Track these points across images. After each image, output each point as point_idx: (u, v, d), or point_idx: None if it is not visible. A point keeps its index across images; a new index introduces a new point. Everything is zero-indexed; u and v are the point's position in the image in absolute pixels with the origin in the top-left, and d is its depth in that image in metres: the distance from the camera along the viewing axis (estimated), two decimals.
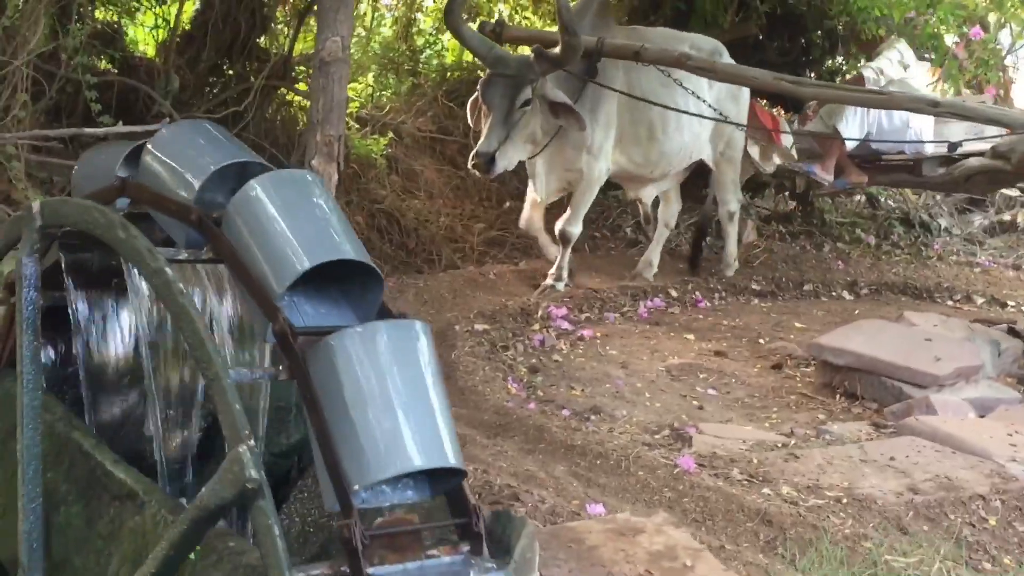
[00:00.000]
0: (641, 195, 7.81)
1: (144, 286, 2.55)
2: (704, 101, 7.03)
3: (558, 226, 7.03)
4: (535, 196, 7.06)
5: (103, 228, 2.23)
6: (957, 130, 8.32)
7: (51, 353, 2.82)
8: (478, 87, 6.35)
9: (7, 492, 2.74)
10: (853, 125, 8.05)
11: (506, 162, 6.31)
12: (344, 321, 2.27)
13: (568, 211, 7.05)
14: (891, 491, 4.02)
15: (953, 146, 8.08)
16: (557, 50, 6.11)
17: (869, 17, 8.17)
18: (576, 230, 7.05)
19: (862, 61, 9.19)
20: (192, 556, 2.21)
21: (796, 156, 8.32)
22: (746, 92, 7.58)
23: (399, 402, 2.08)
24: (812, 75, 9.44)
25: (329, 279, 2.27)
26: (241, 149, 2.47)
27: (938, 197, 10.22)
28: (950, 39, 8.55)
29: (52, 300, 2.69)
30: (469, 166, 6.29)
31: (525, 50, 6.71)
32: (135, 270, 2.47)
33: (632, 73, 6.87)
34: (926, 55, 10.09)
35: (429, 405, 2.14)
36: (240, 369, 2.19)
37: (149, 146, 2.47)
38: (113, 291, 2.82)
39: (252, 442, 1.99)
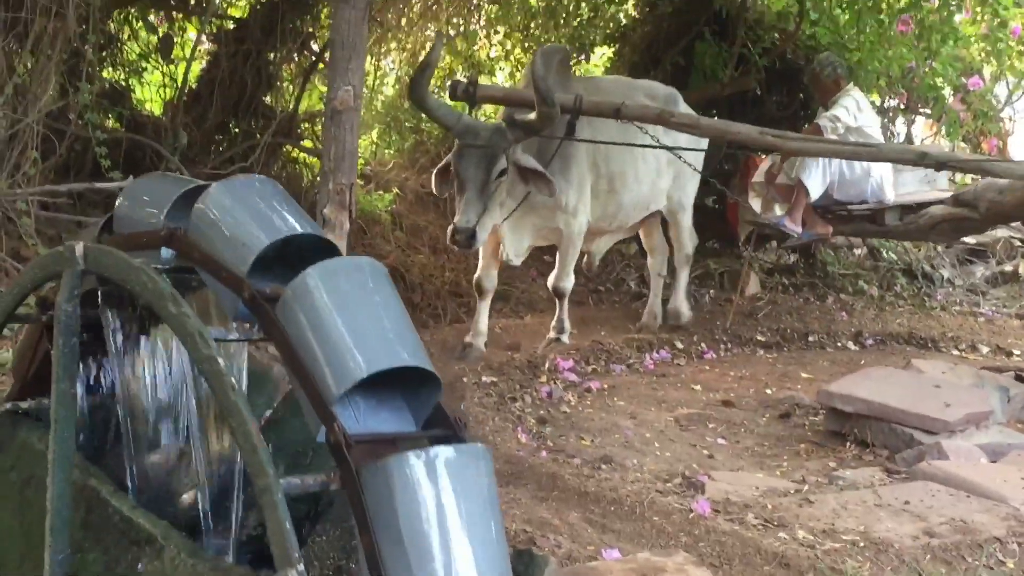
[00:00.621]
0: (591, 247, 7.57)
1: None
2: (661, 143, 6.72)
3: (551, 282, 7.02)
4: (505, 255, 6.75)
5: (151, 295, 2.14)
6: (910, 179, 8.42)
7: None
8: (450, 158, 5.98)
9: (25, 541, 2.73)
10: (816, 176, 7.93)
11: (484, 234, 6.05)
12: (400, 424, 2.22)
13: (557, 267, 6.98)
14: (907, 535, 3.99)
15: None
16: (531, 116, 5.81)
17: (869, 69, 8.23)
18: (568, 284, 7.00)
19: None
20: None
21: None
22: (704, 140, 7.35)
23: (455, 535, 2.00)
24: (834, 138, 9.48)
25: (385, 376, 2.16)
26: (296, 213, 2.38)
27: (940, 248, 10.27)
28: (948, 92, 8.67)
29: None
30: (448, 242, 5.96)
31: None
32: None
33: (596, 123, 6.55)
34: (921, 108, 10.25)
35: (487, 536, 2.07)
36: (292, 480, 2.08)
37: (201, 203, 2.36)
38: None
39: (302, 566, 1.93)
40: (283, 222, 2.31)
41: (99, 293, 2.58)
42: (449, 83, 6.37)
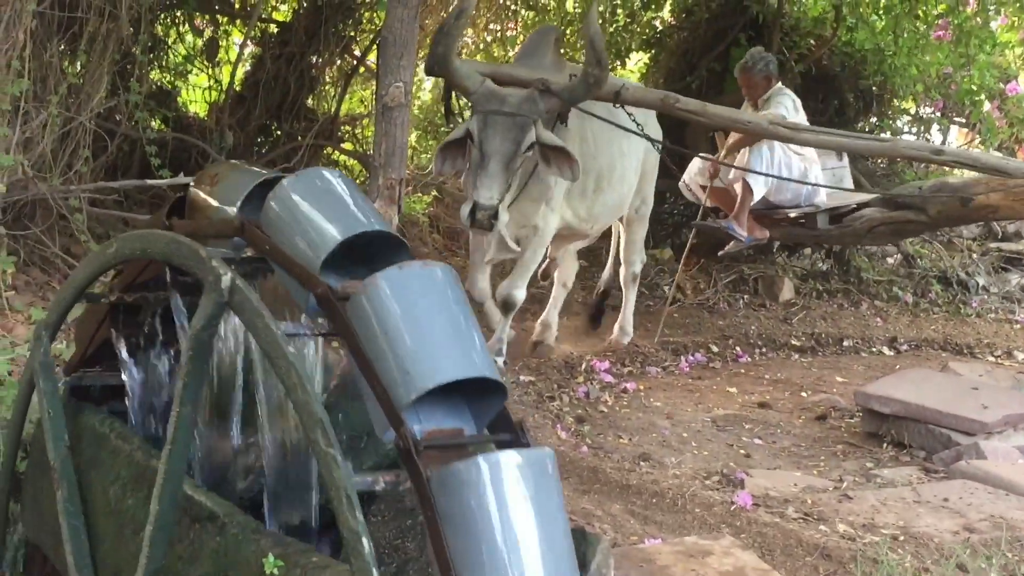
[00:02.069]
0: (558, 253, 7.08)
1: None
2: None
3: (502, 291, 6.15)
4: (485, 256, 6.02)
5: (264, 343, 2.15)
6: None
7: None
8: (468, 127, 5.28)
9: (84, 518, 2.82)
10: (761, 178, 7.46)
11: (506, 215, 5.36)
12: (464, 428, 2.24)
13: (515, 273, 6.18)
14: (947, 530, 4.03)
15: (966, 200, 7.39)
16: (572, 83, 5.32)
17: (906, 75, 8.23)
18: (521, 296, 6.22)
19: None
20: (275, 572, 2.25)
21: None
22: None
23: (523, 537, 2.03)
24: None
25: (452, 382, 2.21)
26: (367, 207, 2.42)
27: (975, 256, 10.26)
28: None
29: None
30: (466, 222, 5.25)
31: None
32: None
33: (584, 118, 5.89)
34: (956, 116, 10.24)
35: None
36: (363, 479, 2.13)
37: (273, 196, 2.42)
38: None
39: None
40: (355, 218, 2.35)
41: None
42: (426, 56, 5.55)
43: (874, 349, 8.09)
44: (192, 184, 2.72)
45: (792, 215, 8.00)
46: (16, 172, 4.81)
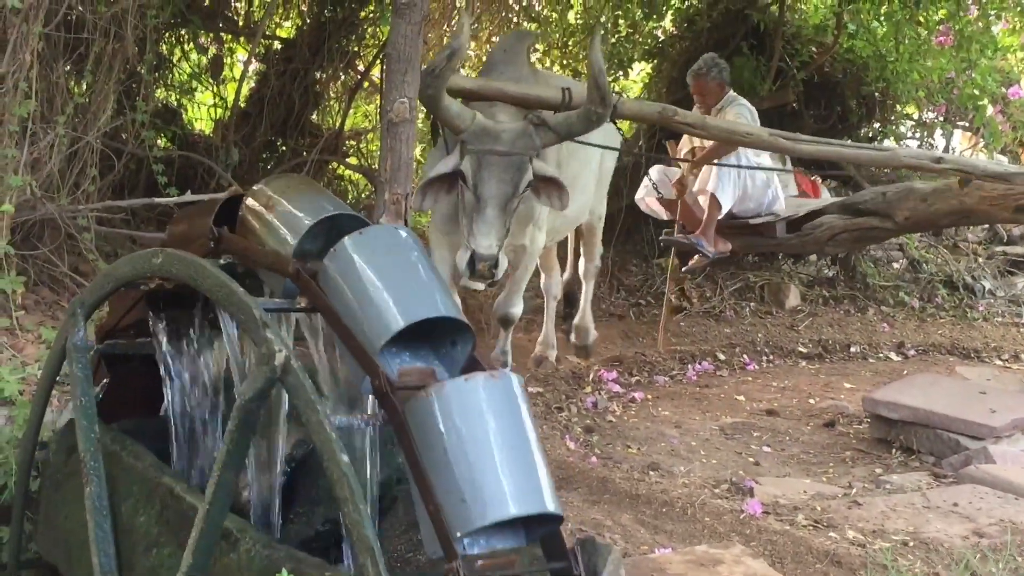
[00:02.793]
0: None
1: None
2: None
3: (501, 309, 5.96)
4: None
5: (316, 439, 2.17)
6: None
7: None
8: (459, 167, 4.84)
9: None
10: (728, 190, 7.13)
11: (506, 263, 5.00)
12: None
13: (508, 291, 5.96)
14: (957, 535, 4.04)
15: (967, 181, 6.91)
16: (571, 116, 5.00)
17: (908, 80, 8.23)
18: (518, 311, 6.04)
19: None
20: None
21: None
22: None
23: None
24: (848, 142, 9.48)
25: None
26: (436, 285, 2.46)
27: (981, 260, 10.26)
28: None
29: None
30: (464, 273, 4.84)
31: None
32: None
33: None
34: (959, 121, 10.26)
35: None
36: (340, 418, 2.26)
37: (332, 260, 2.45)
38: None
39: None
40: (421, 300, 2.35)
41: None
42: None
43: (881, 355, 8.09)
44: (249, 196, 2.74)
45: (753, 224, 7.72)
46: (24, 192, 4.84)
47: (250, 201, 2.71)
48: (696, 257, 7.39)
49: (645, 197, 7.70)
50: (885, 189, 7.60)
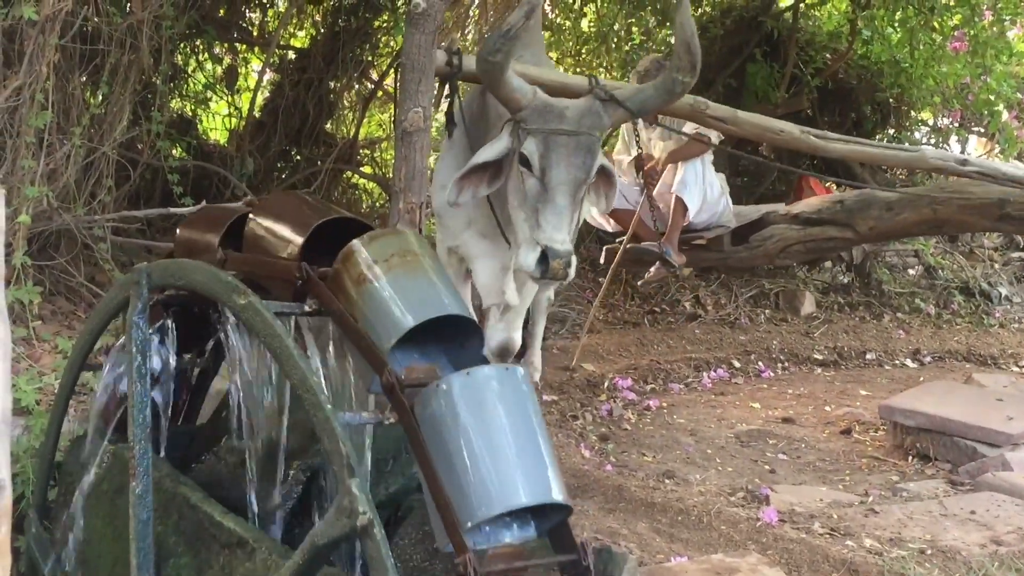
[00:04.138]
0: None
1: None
2: None
3: (499, 340, 5.29)
4: (507, 298, 5.05)
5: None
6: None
7: None
8: (524, 151, 4.07)
9: (116, 546, 2.85)
10: (696, 195, 6.68)
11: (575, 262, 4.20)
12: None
13: (509, 315, 5.33)
14: (974, 543, 4.02)
15: None
16: (646, 90, 4.29)
17: (923, 86, 8.20)
18: (519, 340, 5.45)
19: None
20: None
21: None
22: None
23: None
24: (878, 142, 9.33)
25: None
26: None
27: (997, 266, 10.23)
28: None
29: None
30: (535, 273, 3.97)
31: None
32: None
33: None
34: (975, 127, 10.22)
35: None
36: (349, 415, 2.29)
37: (252, 216, 2.59)
38: None
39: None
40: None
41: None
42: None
43: (897, 361, 8.07)
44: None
45: (708, 236, 7.22)
46: (41, 203, 4.86)
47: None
48: (655, 268, 6.79)
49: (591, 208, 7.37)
50: (842, 197, 7.37)
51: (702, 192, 6.77)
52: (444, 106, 4.79)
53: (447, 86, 4.62)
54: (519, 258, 4.07)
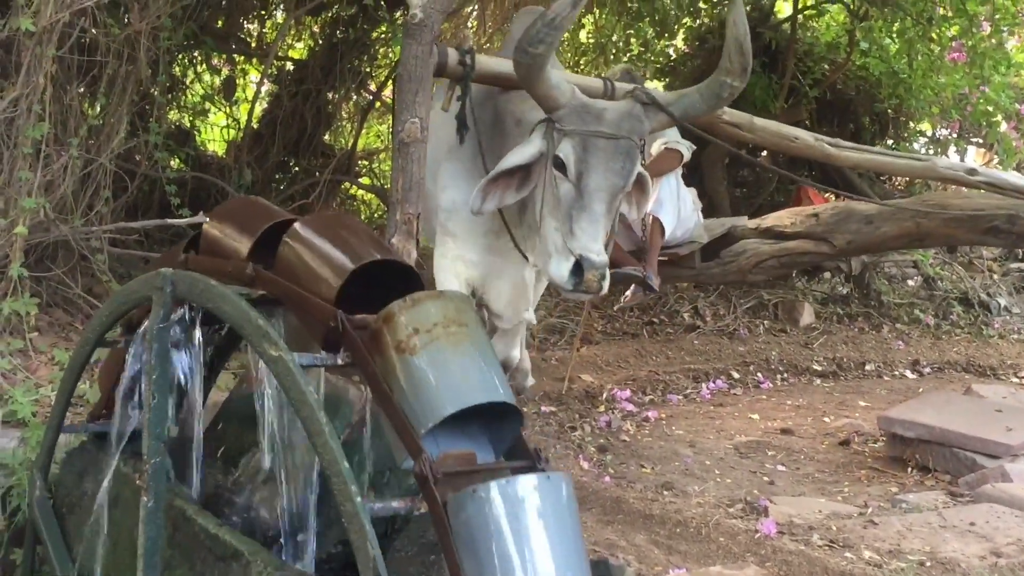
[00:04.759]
0: None
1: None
2: None
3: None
4: (527, 317, 4.88)
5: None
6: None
7: None
8: (560, 153, 3.86)
9: (111, 558, 2.84)
10: (671, 213, 6.30)
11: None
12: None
13: (508, 333, 5.09)
14: (974, 555, 4.00)
15: None
16: (690, 95, 4.11)
17: (921, 97, 8.21)
18: (517, 355, 5.28)
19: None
20: None
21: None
22: None
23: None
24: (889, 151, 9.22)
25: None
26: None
27: (996, 276, 10.23)
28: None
29: None
30: (567, 286, 3.76)
31: None
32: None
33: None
34: (973, 137, 10.23)
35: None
36: (377, 504, 2.18)
37: (287, 238, 2.46)
38: None
39: None
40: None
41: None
42: (432, 49, 4.21)
43: (896, 372, 8.07)
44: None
45: (682, 252, 6.78)
46: (38, 214, 4.85)
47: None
48: (631, 292, 6.45)
49: None
50: (816, 210, 7.15)
51: (677, 209, 6.43)
52: (452, 109, 4.55)
53: (457, 88, 4.37)
54: (550, 269, 3.83)
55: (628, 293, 6.49)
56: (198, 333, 2.69)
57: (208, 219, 2.86)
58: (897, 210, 6.69)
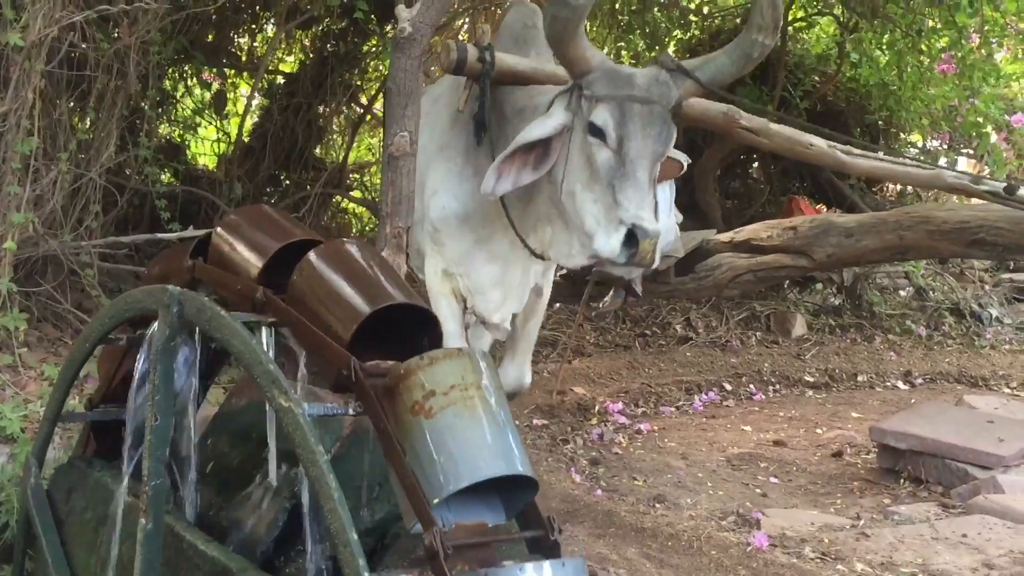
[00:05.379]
0: None
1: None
2: None
3: (512, 379, 4.70)
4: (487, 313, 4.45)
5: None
6: None
7: None
8: (597, 120, 3.62)
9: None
10: (664, 219, 5.56)
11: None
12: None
13: (518, 351, 4.80)
14: (966, 567, 4.00)
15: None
16: (717, 58, 3.85)
17: (911, 109, 8.21)
18: (529, 379, 4.94)
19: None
20: None
21: None
22: None
23: None
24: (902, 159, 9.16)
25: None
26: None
27: (987, 287, 10.24)
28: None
29: None
30: (619, 258, 3.50)
31: None
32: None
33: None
34: (964, 148, 10.25)
35: None
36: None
37: (302, 269, 2.39)
38: None
39: None
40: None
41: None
42: (451, 43, 4.10)
43: (888, 383, 8.06)
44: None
45: (661, 267, 6.23)
46: (27, 229, 4.84)
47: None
48: (611, 297, 6.36)
49: None
50: (795, 223, 7.01)
51: (669, 218, 5.99)
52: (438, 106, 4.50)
53: (474, 86, 4.14)
54: (596, 244, 3.54)
55: (608, 298, 6.38)
56: (197, 349, 2.65)
57: (219, 228, 2.75)
58: (879, 222, 6.60)
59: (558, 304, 7.89)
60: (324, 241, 2.62)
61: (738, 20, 9.93)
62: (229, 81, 8.21)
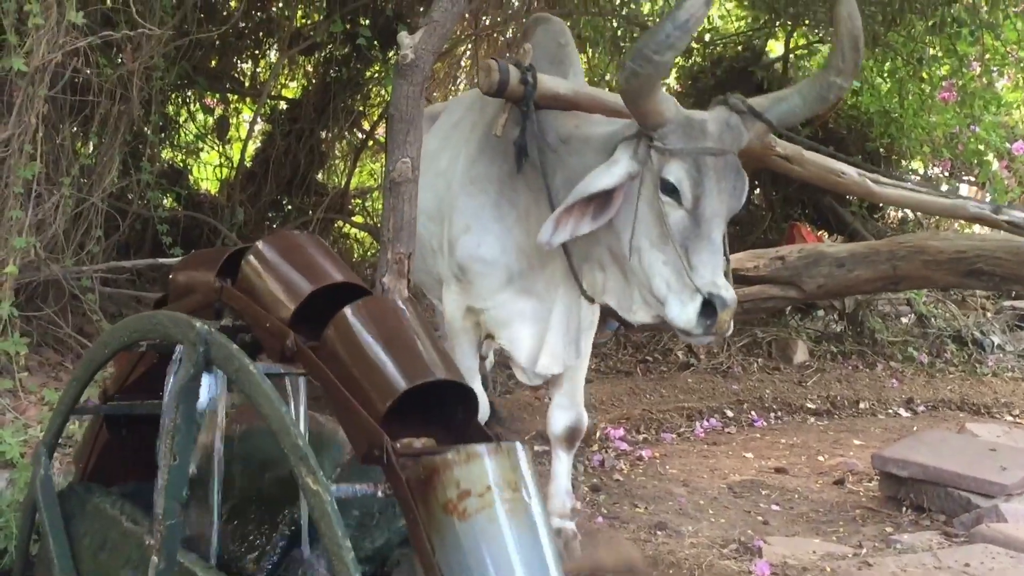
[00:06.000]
0: None
1: None
2: None
3: (568, 420, 4.50)
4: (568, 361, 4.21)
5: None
6: None
7: None
8: (671, 177, 3.44)
9: None
10: None
11: None
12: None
13: (573, 391, 4.49)
14: None
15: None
16: (790, 97, 3.67)
17: (912, 136, 8.24)
18: (587, 418, 4.70)
19: None
20: None
21: None
22: None
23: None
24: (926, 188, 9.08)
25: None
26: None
27: (989, 315, 10.23)
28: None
29: None
30: (697, 330, 3.35)
31: None
32: None
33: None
34: (965, 175, 10.26)
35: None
36: (344, 486, 2.09)
37: (335, 326, 2.28)
38: None
39: None
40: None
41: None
42: (492, 63, 3.94)
43: (890, 411, 8.04)
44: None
45: None
46: (29, 254, 4.85)
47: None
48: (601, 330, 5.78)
49: None
50: (782, 253, 6.88)
51: None
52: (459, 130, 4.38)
53: (513, 109, 3.94)
54: (671, 313, 3.36)
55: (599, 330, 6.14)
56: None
57: (250, 256, 2.56)
58: (871, 252, 6.53)
59: None
60: (362, 285, 2.49)
61: (739, 47, 9.98)
62: (232, 106, 8.25)
